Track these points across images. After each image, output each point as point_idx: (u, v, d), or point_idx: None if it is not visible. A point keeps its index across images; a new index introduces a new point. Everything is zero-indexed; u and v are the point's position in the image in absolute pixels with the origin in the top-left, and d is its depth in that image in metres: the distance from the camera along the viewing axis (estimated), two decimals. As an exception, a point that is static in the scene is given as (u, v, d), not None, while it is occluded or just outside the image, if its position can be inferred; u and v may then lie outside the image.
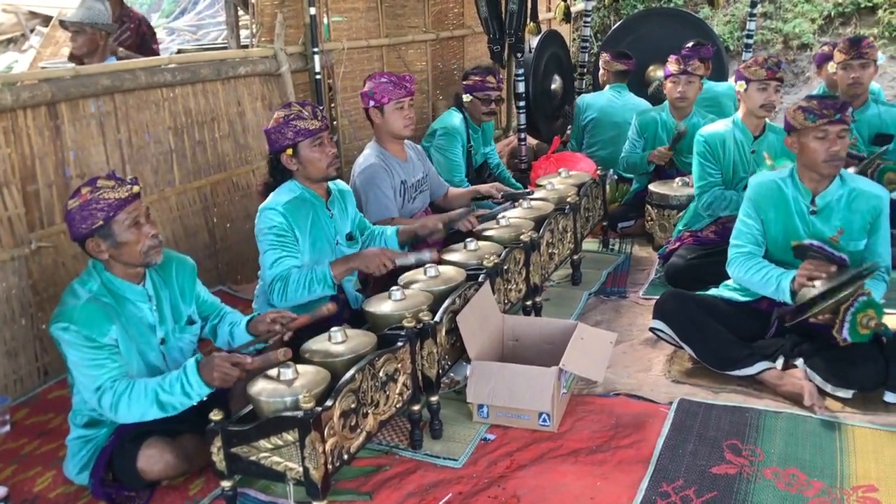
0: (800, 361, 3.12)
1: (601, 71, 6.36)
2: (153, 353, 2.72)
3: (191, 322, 2.88)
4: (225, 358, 2.51)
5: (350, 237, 3.54)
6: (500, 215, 3.82)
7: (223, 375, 2.49)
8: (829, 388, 3.03)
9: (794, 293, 3.07)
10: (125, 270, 2.66)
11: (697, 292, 3.53)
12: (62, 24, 4.75)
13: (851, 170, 3.75)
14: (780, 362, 3.16)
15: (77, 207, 2.54)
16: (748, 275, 3.25)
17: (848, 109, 3.11)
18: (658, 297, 3.50)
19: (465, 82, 5.26)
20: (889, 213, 3.21)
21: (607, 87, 6.18)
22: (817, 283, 2.96)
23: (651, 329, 3.43)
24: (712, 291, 3.51)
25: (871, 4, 9.90)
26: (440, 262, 3.34)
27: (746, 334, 3.29)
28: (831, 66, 4.79)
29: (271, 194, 3.33)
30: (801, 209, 3.22)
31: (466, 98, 5.22)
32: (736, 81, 4.16)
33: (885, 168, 4.31)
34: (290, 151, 3.24)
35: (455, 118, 5.16)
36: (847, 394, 3.01)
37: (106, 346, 2.54)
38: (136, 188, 2.60)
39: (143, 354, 2.69)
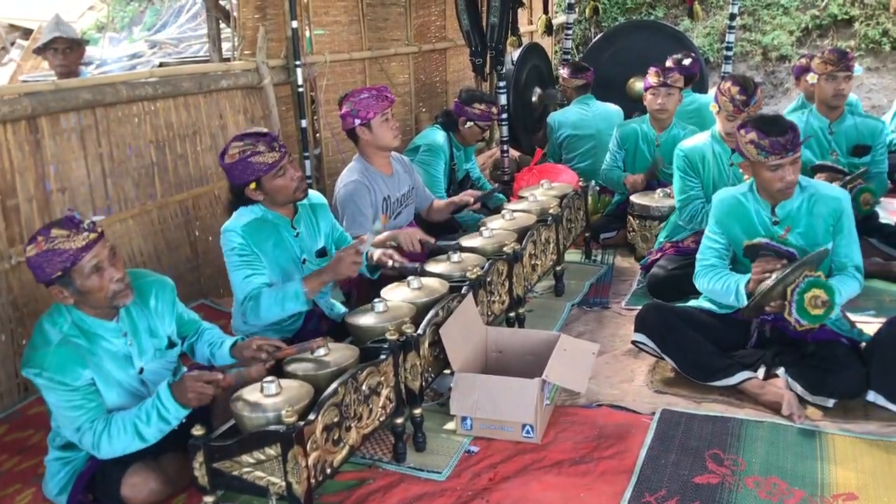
0: (781, 371, 3.15)
1: (562, 88, 6.40)
2: (132, 382, 2.67)
3: (171, 345, 2.82)
4: (197, 377, 2.48)
5: (322, 253, 3.44)
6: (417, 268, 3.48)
7: (197, 395, 2.46)
8: (809, 397, 3.06)
9: (750, 294, 3.11)
10: (95, 310, 2.58)
11: (678, 304, 3.56)
12: (51, 42, 4.75)
13: (836, 183, 3.81)
14: (761, 372, 3.19)
15: (34, 256, 2.43)
16: (710, 284, 3.31)
17: (799, 140, 3.10)
18: (640, 307, 3.52)
19: (468, 108, 5.11)
20: (853, 217, 3.25)
21: (573, 102, 6.22)
22: (772, 275, 3.01)
23: (633, 342, 3.45)
24: (692, 303, 3.54)
25: (847, 17, 10.06)
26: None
27: (727, 344, 3.31)
28: (811, 77, 4.74)
29: (233, 214, 3.26)
30: (764, 221, 3.26)
31: (468, 124, 5.14)
32: (713, 101, 4.18)
33: (862, 188, 4.35)
34: (253, 185, 3.15)
35: (439, 135, 5.14)
36: (828, 402, 3.03)
37: (80, 388, 2.49)
38: (92, 235, 2.46)
39: (121, 385, 2.63)
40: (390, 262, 3.45)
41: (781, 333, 3.25)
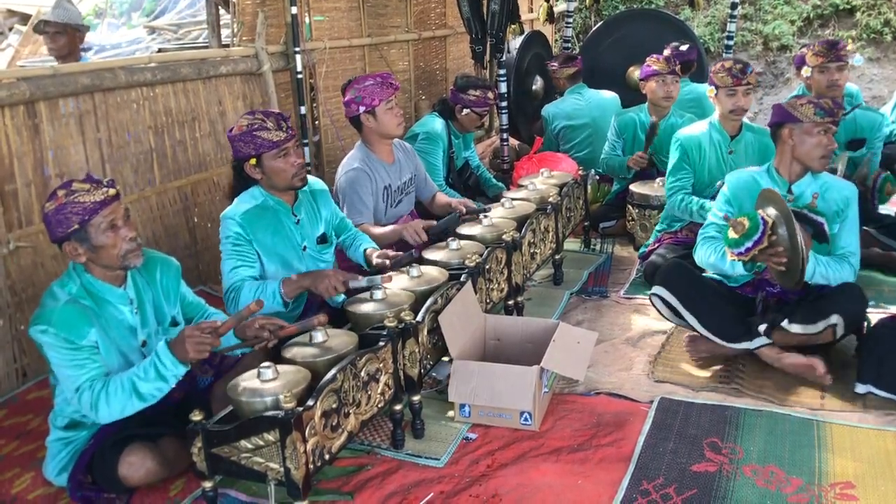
0: (784, 322, 3.18)
1: (554, 80, 6.36)
2: (134, 355, 2.69)
3: (174, 324, 2.84)
4: (195, 327, 2.49)
5: (323, 240, 3.44)
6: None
7: (196, 345, 2.46)
8: (811, 328, 3.13)
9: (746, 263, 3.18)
10: (105, 273, 2.63)
11: None
12: (41, 25, 4.71)
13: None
14: (763, 328, 3.23)
15: (53, 210, 2.50)
16: (707, 255, 3.35)
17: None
18: (643, 293, 3.54)
19: (463, 96, 5.07)
20: (859, 208, 3.33)
21: (566, 92, 6.19)
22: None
23: (651, 296, 3.44)
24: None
25: (849, 6, 10.03)
26: (390, 280, 3.15)
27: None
28: (805, 71, 4.68)
29: (235, 200, 3.26)
30: None
31: (464, 112, 5.10)
32: (708, 86, 4.19)
33: (885, 178, 4.33)
34: (253, 161, 3.15)
35: (437, 123, 5.12)
36: (831, 320, 3.08)
37: (85, 347, 2.51)
38: (112, 191, 2.56)
39: (124, 356, 2.66)
40: (388, 262, 3.39)
41: (784, 303, 3.33)
